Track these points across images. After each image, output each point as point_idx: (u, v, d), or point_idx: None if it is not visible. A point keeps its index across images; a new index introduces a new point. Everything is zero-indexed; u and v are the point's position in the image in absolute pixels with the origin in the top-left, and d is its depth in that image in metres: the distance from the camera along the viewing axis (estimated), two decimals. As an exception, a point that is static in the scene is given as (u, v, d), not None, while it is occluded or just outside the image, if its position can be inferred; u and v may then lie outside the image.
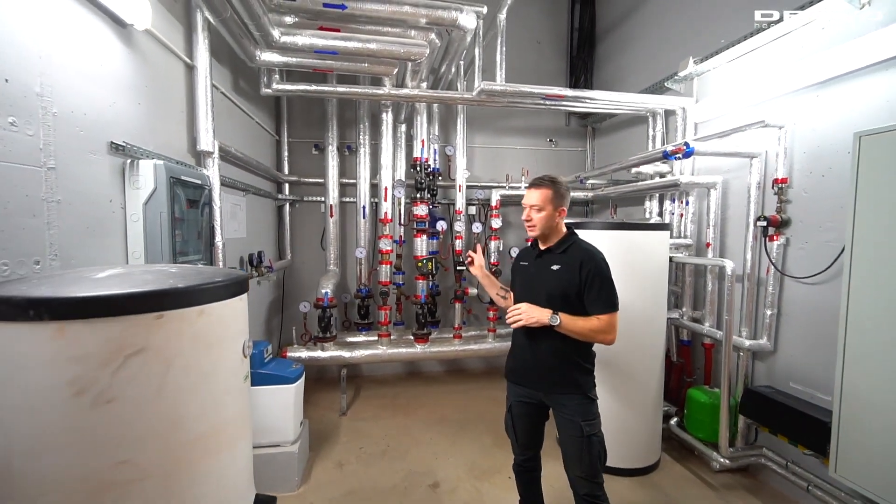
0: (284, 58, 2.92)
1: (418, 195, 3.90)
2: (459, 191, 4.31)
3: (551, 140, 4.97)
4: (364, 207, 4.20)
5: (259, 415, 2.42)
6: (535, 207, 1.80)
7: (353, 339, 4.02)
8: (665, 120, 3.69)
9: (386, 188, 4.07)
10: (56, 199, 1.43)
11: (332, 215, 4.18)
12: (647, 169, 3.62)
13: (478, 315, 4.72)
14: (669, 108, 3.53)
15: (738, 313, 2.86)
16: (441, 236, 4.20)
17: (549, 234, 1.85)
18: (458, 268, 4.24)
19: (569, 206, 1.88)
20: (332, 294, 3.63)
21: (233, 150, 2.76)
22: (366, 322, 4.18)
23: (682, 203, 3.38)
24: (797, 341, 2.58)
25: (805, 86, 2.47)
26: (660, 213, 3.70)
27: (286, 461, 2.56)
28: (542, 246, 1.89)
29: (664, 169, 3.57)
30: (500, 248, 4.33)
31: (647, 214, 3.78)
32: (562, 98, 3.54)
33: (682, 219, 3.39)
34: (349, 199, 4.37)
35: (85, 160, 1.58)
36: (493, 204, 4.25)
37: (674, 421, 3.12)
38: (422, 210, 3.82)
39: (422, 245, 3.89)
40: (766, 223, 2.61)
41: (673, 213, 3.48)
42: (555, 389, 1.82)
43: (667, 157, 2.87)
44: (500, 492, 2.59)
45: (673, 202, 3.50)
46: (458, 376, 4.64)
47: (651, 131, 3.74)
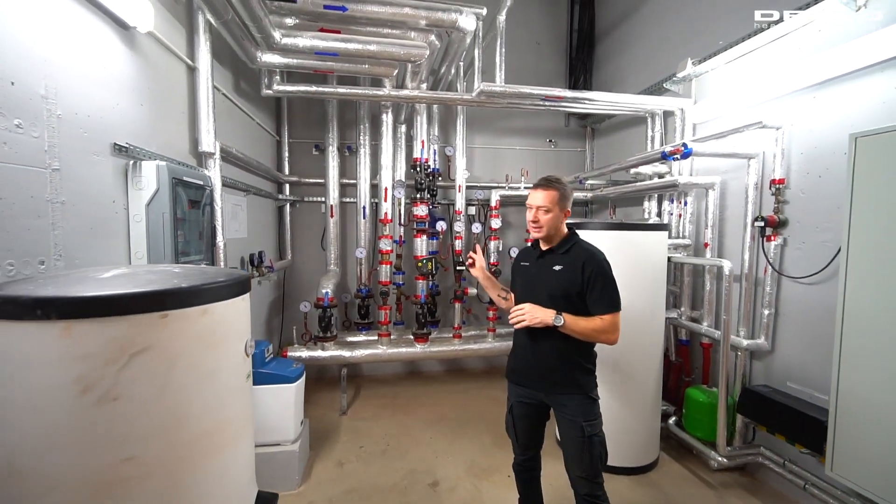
0: (285, 59, 2.94)
1: (418, 195, 3.92)
2: (459, 191, 4.33)
3: (551, 140, 4.99)
4: (364, 208, 4.22)
5: (260, 414, 2.43)
6: (543, 209, 1.79)
7: (354, 338, 4.05)
8: (664, 121, 3.71)
9: (386, 188, 4.08)
10: (60, 200, 1.45)
11: (332, 215, 4.19)
12: (646, 169, 3.64)
13: (477, 315, 4.74)
14: (668, 109, 3.55)
15: (735, 313, 2.88)
16: (441, 236, 4.22)
17: (552, 234, 1.85)
18: (458, 268, 4.26)
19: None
20: (332, 294, 3.65)
21: (234, 151, 2.77)
22: (366, 322, 4.20)
23: (681, 203, 3.39)
24: (794, 341, 2.60)
25: (802, 87, 2.49)
26: (658, 214, 3.71)
27: (287, 460, 2.58)
28: (544, 246, 1.89)
29: (663, 170, 3.59)
30: (500, 248, 4.35)
31: (645, 215, 3.80)
32: (561, 99, 3.56)
33: (680, 219, 3.40)
34: (349, 200, 4.39)
35: (88, 161, 1.59)
36: (493, 204, 4.27)
37: (672, 420, 3.14)
38: (422, 210, 3.84)
39: (422, 245, 3.91)
40: (763, 223, 2.63)
41: (671, 214, 3.50)
42: (556, 389, 1.82)
43: (665, 157, 2.89)
44: (499, 490, 2.61)
45: (671, 202, 3.51)
46: (457, 376, 4.66)
47: (650, 132, 3.76)
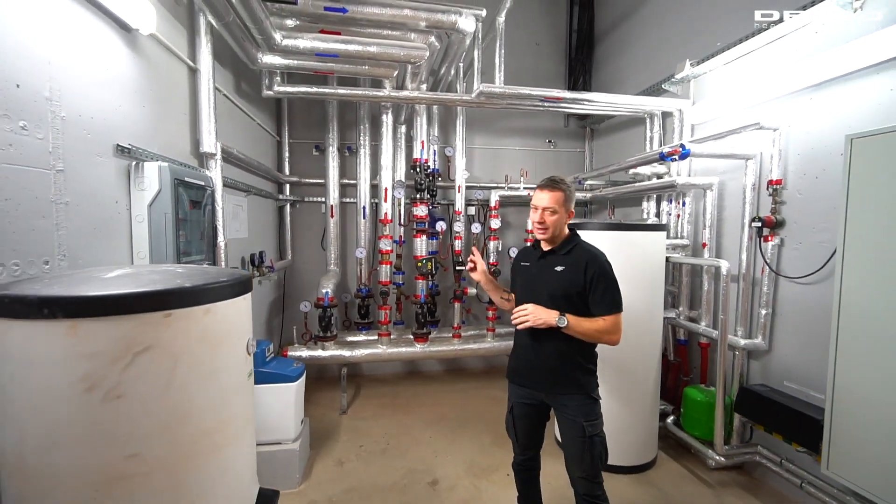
0: (286, 60, 2.96)
1: (418, 196, 3.94)
2: (459, 191, 4.34)
3: (550, 141, 5.01)
4: (364, 208, 4.23)
5: (260, 413, 2.44)
6: (549, 210, 1.78)
7: (354, 338, 4.06)
8: (662, 121, 3.72)
9: (386, 189, 4.10)
10: (64, 201, 1.47)
11: (332, 216, 4.21)
12: (645, 170, 3.65)
13: (477, 315, 4.75)
14: (667, 110, 3.56)
15: (733, 313, 2.89)
16: (440, 237, 4.25)
17: (556, 235, 1.84)
18: (458, 268, 4.28)
19: None
20: (332, 294, 3.67)
21: (235, 152, 2.79)
22: (366, 321, 4.22)
23: (679, 204, 3.41)
24: (791, 340, 2.61)
25: (799, 89, 2.50)
26: (657, 214, 3.73)
27: (287, 458, 2.60)
28: (546, 247, 1.88)
29: (661, 170, 3.60)
30: (499, 248, 4.36)
31: (644, 215, 3.82)
32: (560, 100, 3.58)
33: (678, 219, 3.42)
34: (349, 200, 4.41)
35: (92, 163, 1.61)
36: (493, 205, 4.29)
37: (670, 419, 3.16)
38: (421, 210, 3.86)
39: (421, 245, 3.92)
40: (760, 224, 2.65)
41: (670, 214, 3.51)
42: (557, 390, 1.83)
43: (663, 158, 2.91)
44: (498, 489, 2.62)
45: (670, 203, 3.53)
46: (457, 375, 4.67)
47: (649, 133, 3.78)
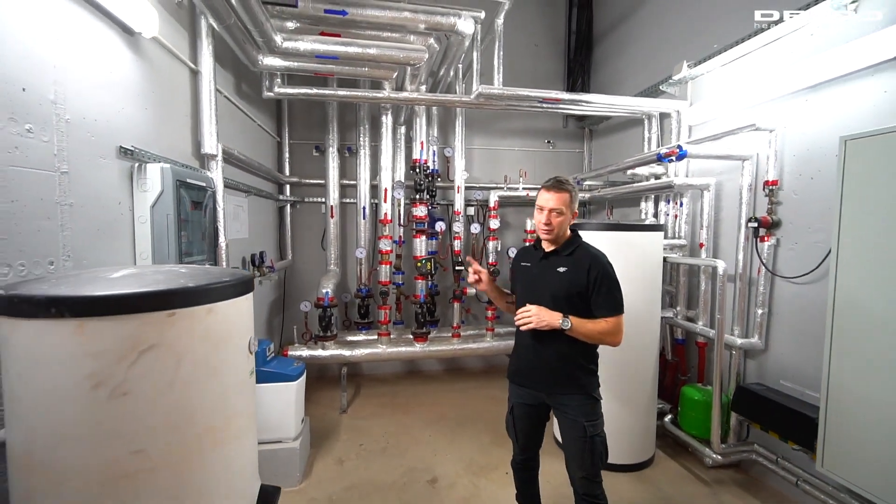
0: (286, 62, 2.98)
1: (417, 196, 3.96)
2: (458, 192, 4.36)
3: (549, 142, 5.03)
4: (364, 208, 4.25)
5: (261, 412, 2.46)
6: (556, 211, 1.77)
7: (354, 337, 4.09)
8: (660, 122, 3.74)
9: (386, 189, 4.12)
10: (69, 203, 1.49)
11: (332, 216, 4.23)
12: (643, 170, 3.68)
13: (476, 314, 4.78)
14: (664, 111, 3.58)
15: (730, 312, 2.92)
16: (440, 237, 4.27)
17: (559, 236, 1.84)
18: (457, 268, 4.30)
19: None
20: (332, 294, 3.69)
21: (235, 153, 2.81)
22: (366, 321, 4.24)
23: (677, 204, 3.43)
24: (787, 340, 2.64)
25: (795, 90, 2.53)
26: (655, 214, 3.75)
27: (288, 457, 2.62)
28: (549, 248, 1.87)
29: (659, 171, 3.63)
30: (498, 248, 4.39)
31: (642, 215, 3.84)
32: (558, 101, 3.60)
33: (676, 220, 3.44)
34: (349, 200, 4.43)
35: (95, 164, 1.63)
36: (492, 205, 4.31)
37: (668, 418, 3.18)
38: (421, 211, 3.88)
39: (421, 245, 3.95)
40: (757, 224, 2.67)
41: (668, 214, 3.54)
42: (558, 390, 1.83)
43: (660, 159, 2.93)
44: (497, 487, 2.64)
45: (668, 203, 3.55)
46: (456, 375, 4.69)
47: (647, 133, 3.80)
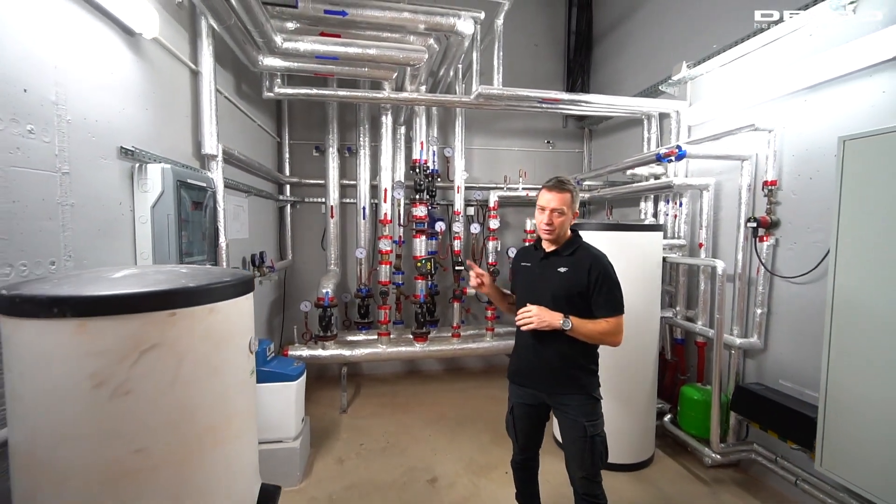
0: (286, 63, 2.99)
1: (417, 196, 3.97)
2: (458, 192, 4.37)
3: (549, 142, 5.03)
4: (364, 208, 4.26)
5: (262, 411, 2.47)
6: (557, 212, 1.77)
7: (354, 337, 4.09)
8: (660, 122, 3.75)
9: (385, 189, 4.13)
10: (70, 203, 1.50)
11: (332, 216, 4.24)
12: (643, 171, 3.69)
13: (476, 314, 4.78)
14: (664, 111, 3.59)
15: (729, 312, 2.92)
16: (440, 237, 4.28)
17: (560, 236, 1.84)
18: (457, 268, 4.31)
19: None
20: (332, 294, 3.70)
21: (236, 153, 2.82)
22: (366, 321, 4.25)
23: (676, 204, 3.44)
24: (786, 339, 2.64)
25: (794, 90, 2.53)
26: (654, 214, 3.76)
27: (288, 456, 2.63)
28: (549, 248, 1.87)
29: (659, 171, 3.63)
30: (498, 248, 4.39)
31: (642, 215, 3.85)
32: (558, 101, 3.61)
33: (675, 220, 3.45)
34: (349, 201, 4.44)
35: (96, 165, 1.64)
36: (491, 205, 4.32)
37: (667, 417, 3.19)
38: (421, 211, 3.89)
39: (421, 245, 3.95)
40: (756, 224, 2.68)
41: (667, 214, 3.54)
42: (558, 390, 1.83)
43: (660, 159, 2.94)
44: (496, 487, 2.65)
45: (667, 203, 3.56)
46: (456, 375, 4.70)
47: (646, 133, 3.81)
